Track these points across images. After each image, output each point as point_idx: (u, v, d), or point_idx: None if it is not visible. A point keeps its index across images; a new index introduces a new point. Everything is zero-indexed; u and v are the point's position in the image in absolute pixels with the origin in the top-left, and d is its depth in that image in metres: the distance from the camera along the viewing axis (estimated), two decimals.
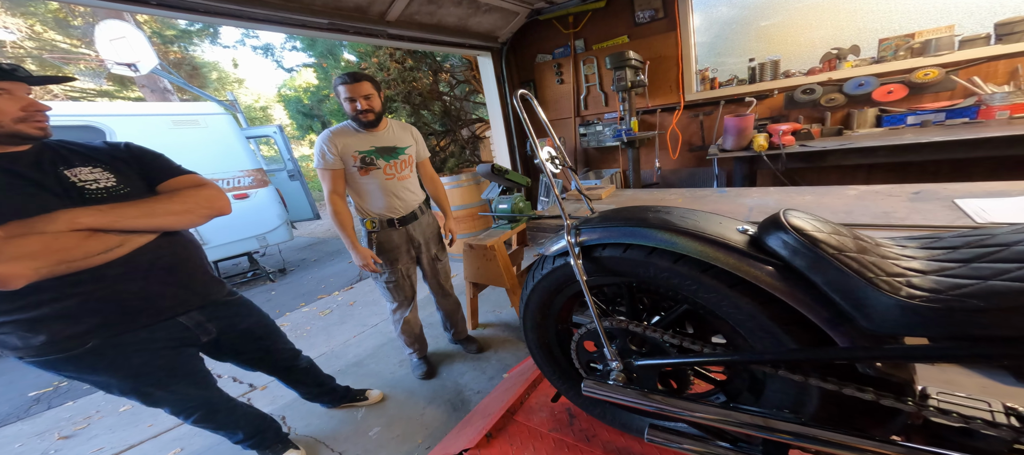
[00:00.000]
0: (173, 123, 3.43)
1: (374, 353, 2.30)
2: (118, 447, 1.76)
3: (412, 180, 1.71)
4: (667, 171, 3.30)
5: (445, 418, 1.68)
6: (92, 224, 0.84)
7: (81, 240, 0.83)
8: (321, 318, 2.97)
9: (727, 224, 0.67)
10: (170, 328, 1.06)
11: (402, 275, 1.74)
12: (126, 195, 0.94)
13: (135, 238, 0.93)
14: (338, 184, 1.51)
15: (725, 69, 2.96)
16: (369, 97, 1.46)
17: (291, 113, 9.60)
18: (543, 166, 0.84)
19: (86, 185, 0.89)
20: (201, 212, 1.02)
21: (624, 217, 0.74)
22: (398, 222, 1.65)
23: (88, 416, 2.06)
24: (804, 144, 2.25)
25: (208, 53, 10.55)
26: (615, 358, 0.81)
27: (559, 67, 3.48)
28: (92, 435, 1.90)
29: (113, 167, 0.95)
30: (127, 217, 0.90)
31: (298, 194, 4.98)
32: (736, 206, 1.43)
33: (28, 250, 0.75)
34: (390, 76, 4.45)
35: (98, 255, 0.86)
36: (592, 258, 0.78)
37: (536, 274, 0.92)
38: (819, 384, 0.59)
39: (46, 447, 1.86)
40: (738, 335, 0.69)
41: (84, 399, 2.22)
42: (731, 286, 0.63)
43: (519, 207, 2.24)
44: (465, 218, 3.65)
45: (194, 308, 1.11)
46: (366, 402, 1.81)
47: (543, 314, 0.98)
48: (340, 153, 1.48)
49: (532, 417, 1.19)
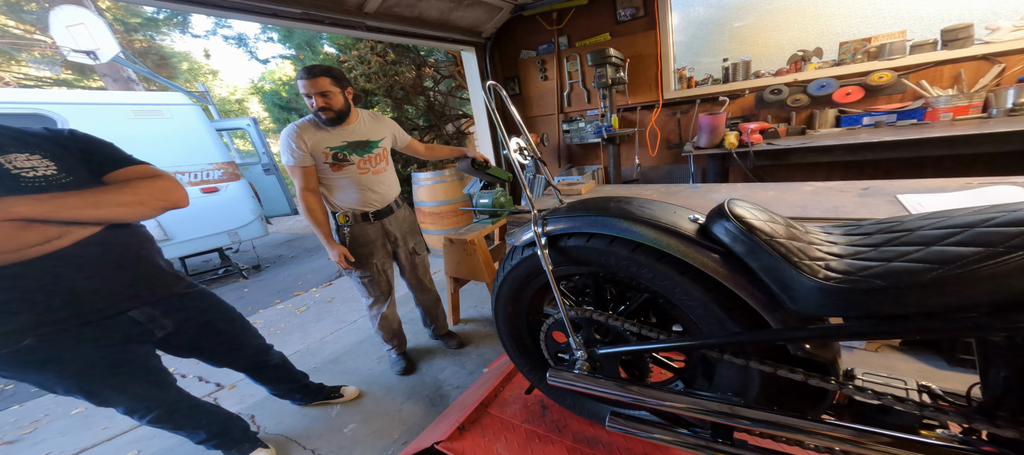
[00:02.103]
0: (134, 113, 3.26)
1: (351, 350, 2.25)
2: (68, 451, 1.66)
3: (388, 173, 1.66)
4: (646, 168, 3.36)
5: (423, 413, 1.66)
6: (28, 214, 0.79)
7: (15, 231, 0.78)
8: (297, 315, 2.89)
9: (680, 213, 0.69)
10: (119, 324, 1.02)
11: (377, 270, 1.69)
12: (68, 184, 0.89)
13: (77, 230, 0.88)
14: (310, 180, 1.45)
15: (701, 68, 3.04)
16: (327, 94, 1.37)
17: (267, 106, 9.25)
18: (511, 157, 0.83)
19: (22, 173, 0.84)
20: (153, 204, 0.97)
21: (587, 206, 0.75)
22: (373, 216, 1.60)
23: (36, 420, 1.93)
24: (771, 142, 2.34)
25: (178, 43, 10.04)
26: (580, 347, 0.82)
27: (543, 64, 3.50)
28: (39, 440, 1.78)
29: (53, 154, 0.89)
30: (68, 207, 0.85)
31: (274, 188, 4.82)
32: (706, 201, 1.48)
33: None
34: (371, 70, 4.36)
35: (35, 247, 0.82)
36: (558, 248, 0.78)
37: (506, 265, 0.92)
38: (758, 367, 0.62)
39: None
40: (691, 322, 0.71)
41: (32, 402, 2.08)
42: (682, 273, 0.64)
43: (500, 202, 2.23)
44: (447, 214, 3.61)
45: (146, 303, 1.06)
46: (341, 399, 1.77)
47: (514, 305, 0.98)
48: (310, 149, 1.42)
49: (505, 409, 1.19)
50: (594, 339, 0.84)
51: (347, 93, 1.45)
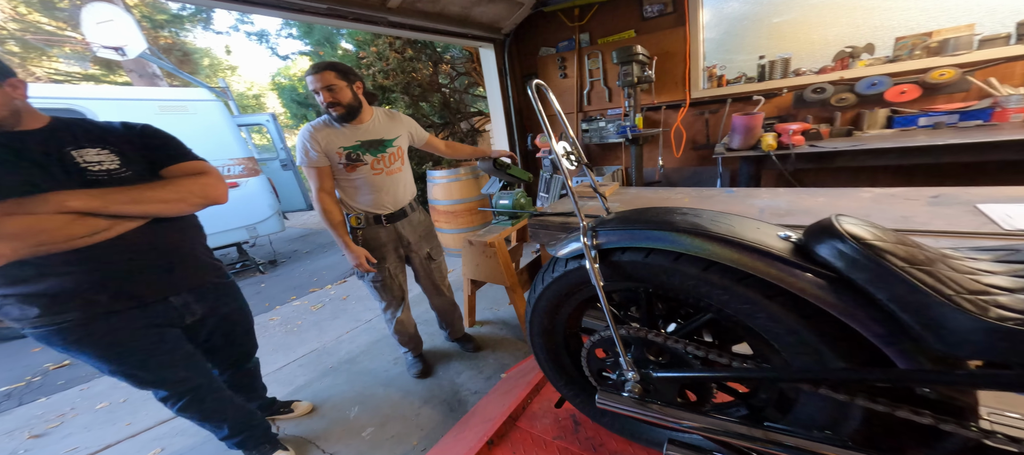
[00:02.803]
0: (160, 109, 3.31)
1: (368, 350, 2.22)
2: (93, 447, 1.66)
3: (403, 174, 1.60)
4: (670, 169, 3.26)
5: (441, 418, 1.62)
6: (80, 208, 0.86)
7: (66, 223, 0.84)
8: (313, 312, 2.88)
9: (766, 230, 0.62)
10: (158, 308, 1.07)
11: (389, 274, 1.64)
12: (127, 178, 0.95)
13: (124, 222, 0.94)
14: (325, 181, 1.42)
15: (733, 66, 2.90)
16: (333, 88, 1.32)
17: (285, 101, 9.40)
18: (559, 161, 0.77)
19: (89, 167, 0.91)
20: (193, 201, 1.02)
21: (647, 219, 0.68)
22: (385, 219, 1.55)
23: (62, 414, 1.95)
24: (814, 144, 2.21)
25: (200, 39, 10.28)
26: (631, 368, 0.75)
27: (563, 61, 3.42)
28: (66, 434, 1.80)
29: (120, 149, 0.97)
30: (115, 202, 0.91)
31: (291, 184, 4.86)
32: (745, 207, 1.39)
33: (9, 231, 0.77)
34: (389, 66, 4.35)
35: (82, 238, 0.87)
36: (609, 262, 0.72)
37: (546, 277, 0.85)
38: (867, 405, 0.54)
39: (15, 447, 1.75)
40: (771, 348, 0.63)
41: (57, 395, 2.10)
42: (770, 297, 0.57)
43: (520, 203, 2.18)
44: (462, 213, 3.58)
45: (184, 290, 1.12)
46: (292, 415, 1.68)
47: (552, 319, 0.91)
48: (324, 149, 1.39)
49: (535, 424, 1.13)
50: (645, 359, 0.78)
51: (356, 88, 1.38)
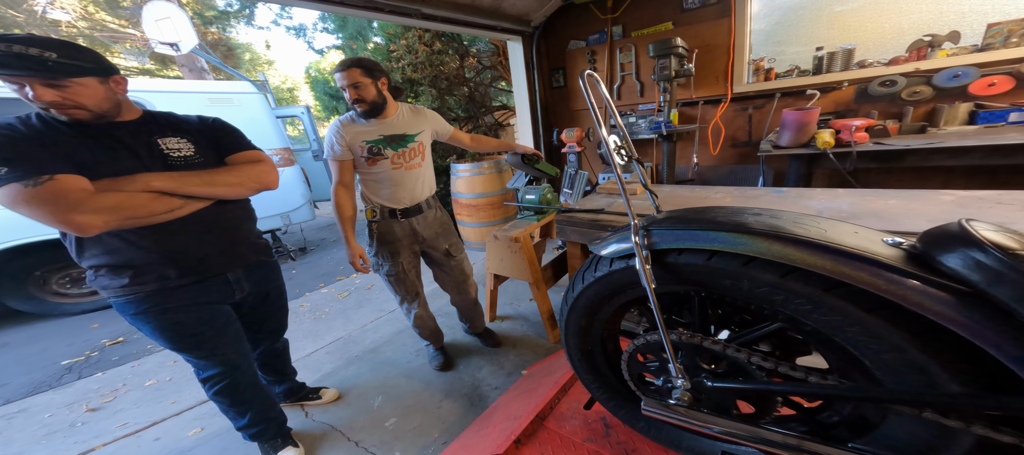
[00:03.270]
0: (209, 101, 3.47)
1: (391, 340, 2.26)
2: (141, 423, 1.75)
3: (423, 170, 1.59)
4: (704, 167, 3.10)
5: (462, 412, 1.62)
6: (161, 188, 0.98)
7: (150, 200, 0.96)
8: (339, 301, 2.96)
9: (867, 235, 0.54)
10: (215, 283, 1.17)
11: (403, 269, 1.64)
12: (199, 164, 1.08)
13: (194, 202, 1.05)
14: (345, 175, 1.46)
15: (784, 59, 2.70)
16: (358, 86, 1.34)
17: (317, 94, 9.73)
18: (610, 157, 0.73)
19: (170, 153, 1.04)
20: (251, 185, 1.15)
21: (712, 220, 0.62)
22: (400, 213, 1.55)
23: (115, 389, 2.07)
24: (879, 142, 2.00)
25: (242, 35, 10.81)
26: (681, 375, 0.70)
27: (593, 54, 3.32)
28: (118, 409, 1.90)
29: (195, 139, 1.10)
30: (190, 184, 1.03)
31: (321, 174, 5.02)
32: (799, 208, 1.28)
33: (105, 205, 0.89)
34: (418, 59, 4.38)
35: (161, 214, 0.99)
36: (662, 263, 0.67)
37: (586, 276, 0.81)
38: (987, 434, 0.46)
39: (74, 419, 1.85)
40: (857, 364, 0.56)
41: (112, 371, 2.24)
42: (869, 311, 0.50)
43: (547, 199, 2.14)
44: (484, 206, 3.57)
45: (239, 267, 1.22)
46: (320, 402, 1.72)
47: (589, 320, 0.87)
48: (349, 143, 1.42)
49: (564, 424, 1.10)
50: (697, 366, 0.73)
51: (380, 84, 1.39)
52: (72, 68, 0.87)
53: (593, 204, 1.79)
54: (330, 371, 1.99)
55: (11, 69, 0.81)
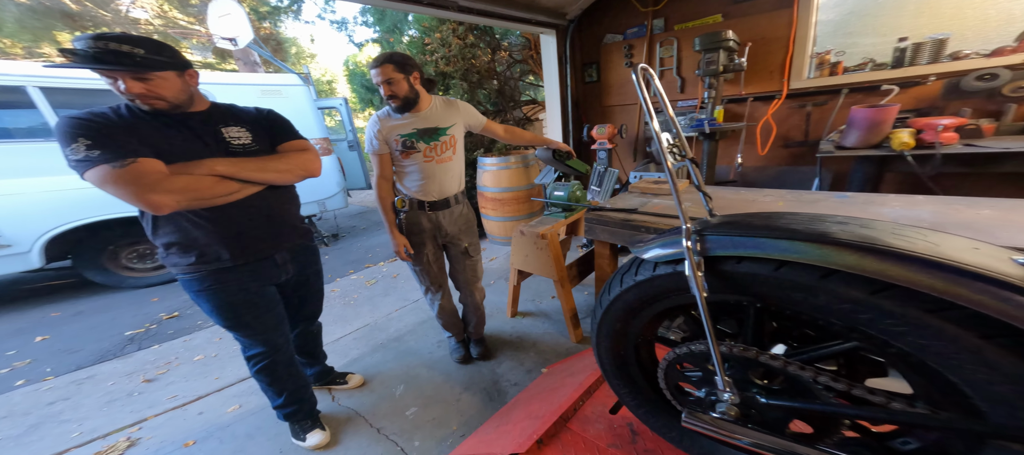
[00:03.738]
0: (261, 92, 3.70)
1: (414, 329, 2.30)
2: (188, 397, 1.86)
3: (454, 164, 1.60)
4: (749, 168, 2.90)
5: (481, 406, 1.62)
6: (223, 172, 1.06)
7: (213, 183, 1.05)
8: (367, 288, 3.05)
9: (990, 251, 0.47)
10: (265, 265, 1.24)
11: (428, 261, 1.66)
12: (255, 152, 1.16)
13: (249, 187, 1.13)
14: (385, 168, 1.51)
15: (856, 52, 2.44)
16: (391, 82, 1.36)
17: (354, 87, 10.08)
18: (661, 154, 0.68)
19: (231, 141, 1.12)
20: (298, 172, 1.21)
21: (785, 227, 0.57)
22: (428, 206, 1.57)
23: (168, 362, 2.20)
24: (970, 143, 1.78)
25: (290, 29, 11.41)
26: (729, 389, 0.65)
27: (630, 49, 3.19)
28: (169, 381, 2.01)
29: (253, 128, 1.18)
30: (247, 169, 1.10)
31: (355, 164, 5.20)
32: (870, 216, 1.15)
33: (177, 186, 0.98)
34: (451, 52, 4.41)
35: (221, 197, 1.07)
36: (716, 271, 0.62)
37: (625, 279, 0.77)
38: None
39: (132, 388, 1.97)
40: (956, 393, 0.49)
41: (167, 344, 2.39)
42: (986, 338, 0.43)
43: (576, 196, 2.08)
44: (509, 201, 3.55)
45: (285, 249, 1.29)
46: (346, 387, 1.78)
47: (624, 324, 0.83)
48: (385, 137, 1.46)
49: (588, 428, 1.07)
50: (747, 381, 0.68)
51: (413, 79, 1.40)
52: (156, 63, 0.95)
53: (625, 203, 1.72)
54: (357, 357, 2.06)
55: (107, 64, 0.90)
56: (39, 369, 2.16)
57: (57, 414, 1.80)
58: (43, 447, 1.59)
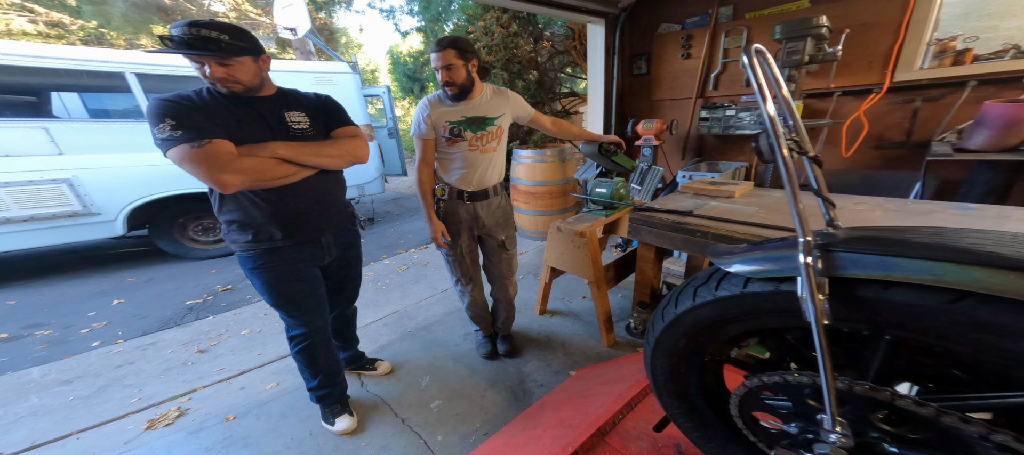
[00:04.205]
0: (315, 80, 3.86)
1: (441, 320, 2.29)
2: (233, 371, 1.93)
3: (498, 155, 1.56)
4: (827, 171, 2.59)
5: (505, 405, 1.58)
6: (283, 155, 1.11)
7: (274, 166, 1.09)
8: (398, 274, 3.10)
9: None
10: (312, 247, 1.28)
11: (461, 251, 1.63)
12: (312, 136, 1.20)
13: (304, 170, 1.17)
14: (428, 153, 1.49)
15: (994, 37, 2.04)
16: (450, 67, 1.34)
17: (396, 76, 10.35)
18: (775, 149, 0.55)
19: (292, 126, 1.16)
20: (348, 158, 1.24)
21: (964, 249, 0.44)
22: (467, 196, 1.53)
23: (219, 333, 2.30)
24: None
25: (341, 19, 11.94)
26: (840, 430, 0.54)
27: (688, 39, 2.93)
28: (218, 354, 2.10)
29: (311, 114, 1.21)
30: (303, 153, 1.14)
31: (393, 150, 5.33)
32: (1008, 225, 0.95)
33: (243, 167, 1.03)
34: (494, 41, 4.34)
35: (279, 179, 1.12)
36: (844, 294, 0.51)
37: (700, 293, 0.67)
38: None
39: (187, 358, 2.07)
40: None
41: (219, 316, 2.51)
42: None
43: (620, 194, 1.95)
44: (543, 195, 3.45)
45: (330, 232, 1.32)
46: (375, 373, 1.79)
47: (692, 342, 0.73)
48: (433, 123, 1.44)
49: (628, 444, 0.99)
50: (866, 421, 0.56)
51: (471, 66, 1.38)
52: (236, 48, 1.01)
53: (678, 205, 1.57)
54: (386, 343, 2.08)
55: (197, 50, 0.95)
56: (113, 332, 2.38)
57: (122, 378, 1.93)
58: (107, 410, 1.70)
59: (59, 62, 2.84)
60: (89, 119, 3.70)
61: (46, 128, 2.84)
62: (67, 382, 1.88)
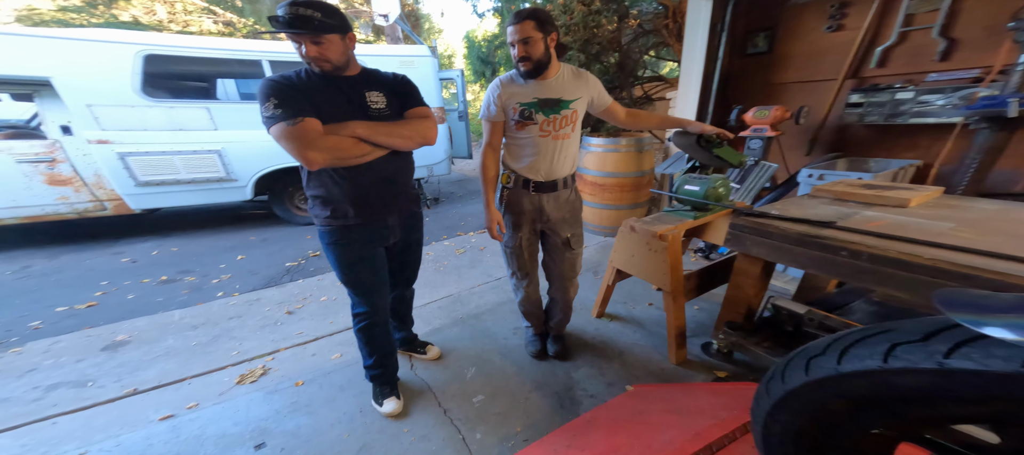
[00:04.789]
0: (400, 63, 4.14)
1: (493, 310, 2.25)
2: (309, 336, 2.04)
3: (571, 143, 1.42)
4: None
5: (549, 411, 1.48)
6: (361, 135, 1.14)
7: (352, 145, 1.13)
8: (456, 256, 3.15)
9: None
10: (379, 227, 1.31)
11: (521, 245, 1.53)
12: (388, 116, 1.22)
13: (378, 150, 1.19)
14: (495, 137, 1.42)
15: None
16: (528, 41, 1.23)
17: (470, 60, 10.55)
18: None
19: (371, 105, 1.19)
20: (417, 139, 1.25)
21: None
22: (534, 186, 1.42)
23: (305, 297, 2.48)
24: None
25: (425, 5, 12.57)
26: None
27: (841, 7, 2.32)
28: (301, 318, 2.24)
29: (388, 94, 1.23)
30: (378, 133, 1.17)
31: (462, 133, 5.47)
32: None
33: (327, 145, 1.08)
34: (573, 20, 4.06)
35: (356, 158, 1.15)
36: None
37: (902, 354, 0.47)
38: None
39: (278, 318, 2.24)
40: None
41: (307, 280, 2.73)
42: None
43: (718, 193, 1.63)
44: (612, 188, 3.17)
45: (397, 213, 1.34)
46: (425, 357, 1.81)
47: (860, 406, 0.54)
48: (503, 105, 1.37)
49: None
50: None
51: (550, 40, 1.27)
52: (327, 26, 1.04)
53: (810, 211, 1.25)
54: (438, 327, 2.10)
55: (295, 28, 1.00)
56: (233, 284, 2.78)
57: (230, 330, 2.14)
58: (215, 359, 1.87)
59: (215, 53, 3.51)
60: (239, 101, 4.45)
61: (208, 108, 3.51)
62: (194, 328, 2.18)
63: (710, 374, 1.64)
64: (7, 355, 1.94)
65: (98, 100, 3.15)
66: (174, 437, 1.44)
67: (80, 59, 3.07)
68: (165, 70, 3.39)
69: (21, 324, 2.27)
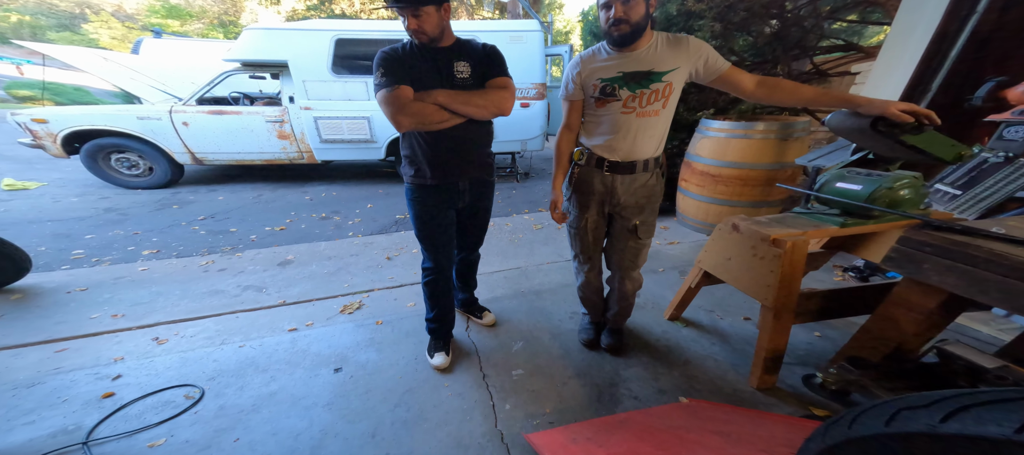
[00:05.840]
0: (509, 38, 4.32)
1: (555, 290, 2.25)
2: (397, 282, 2.37)
3: (659, 122, 1.25)
4: None
5: (583, 401, 1.45)
6: (442, 102, 1.22)
7: (434, 111, 1.22)
8: (534, 231, 3.20)
9: None
10: (450, 190, 1.41)
11: (585, 228, 1.46)
12: (470, 85, 1.28)
13: (455, 117, 1.26)
14: (572, 118, 1.37)
15: None
16: (627, 1, 1.08)
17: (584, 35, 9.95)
18: None
19: (457, 75, 1.26)
20: (491, 109, 1.29)
21: None
22: (608, 166, 1.30)
23: (401, 248, 2.85)
24: None
25: None
26: None
27: None
28: (394, 265, 2.58)
29: (472, 63, 1.28)
30: (456, 102, 1.23)
31: (560, 111, 5.36)
32: None
33: (414, 110, 1.19)
34: None
35: (436, 124, 1.24)
36: None
37: None
38: None
39: (380, 262, 2.64)
40: None
41: (407, 232, 3.15)
42: None
43: (899, 197, 1.23)
44: (725, 179, 2.68)
45: (468, 178, 1.42)
46: (481, 321, 1.90)
47: None
48: (583, 82, 1.29)
49: None
50: None
51: (653, 1, 1.12)
52: None
53: None
54: (499, 296, 2.22)
55: (400, 3, 1.12)
56: (359, 227, 3.48)
57: (347, 266, 2.57)
58: (333, 287, 2.27)
59: (375, 34, 4.30)
60: None
61: (365, 82, 4.33)
62: (329, 258, 2.72)
63: (802, 409, 1.35)
64: (234, 257, 2.84)
65: (309, 77, 4.21)
66: (291, 347, 1.75)
67: (303, 45, 4.13)
68: (346, 52, 4.29)
69: (247, 236, 3.32)
